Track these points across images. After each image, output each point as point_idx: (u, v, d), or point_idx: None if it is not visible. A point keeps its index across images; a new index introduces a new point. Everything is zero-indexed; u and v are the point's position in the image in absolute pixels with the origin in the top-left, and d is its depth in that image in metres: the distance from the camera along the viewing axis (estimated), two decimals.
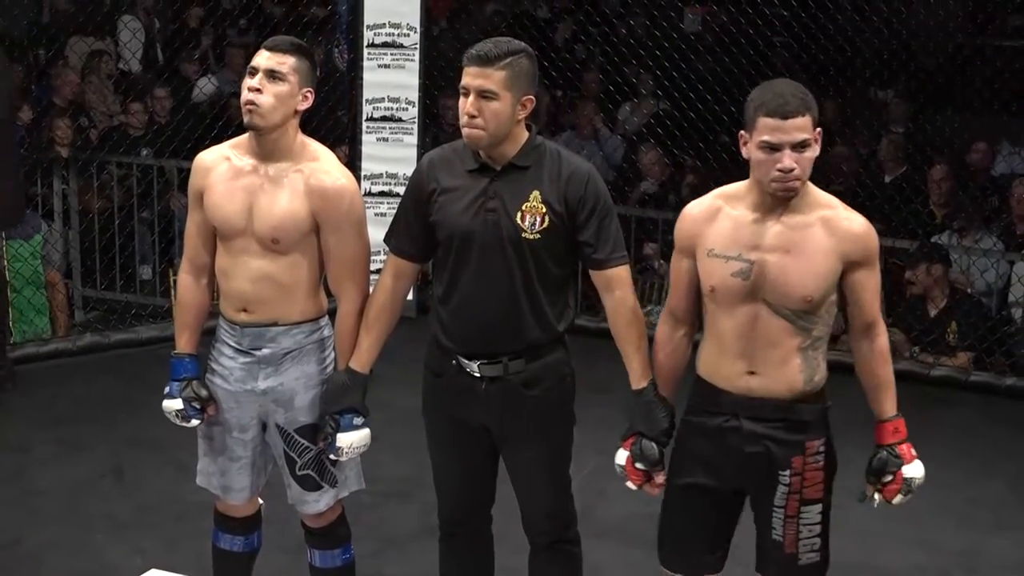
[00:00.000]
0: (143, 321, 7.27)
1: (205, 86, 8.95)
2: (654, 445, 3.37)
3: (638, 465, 3.38)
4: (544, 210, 3.38)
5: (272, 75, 3.48)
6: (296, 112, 3.53)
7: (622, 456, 3.41)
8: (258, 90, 3.47)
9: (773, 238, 3.18)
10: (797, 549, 3.30)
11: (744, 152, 3.20)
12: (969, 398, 6.62)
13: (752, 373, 3.23)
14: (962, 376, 6.76)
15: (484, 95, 3.33)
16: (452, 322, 3.47)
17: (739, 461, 3.27)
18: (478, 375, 3.46)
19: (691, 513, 3.37)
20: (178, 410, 3.67)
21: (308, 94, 3.54)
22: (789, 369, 3.22)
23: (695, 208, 3.32)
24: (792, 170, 3.10)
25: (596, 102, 8.87)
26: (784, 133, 3.09)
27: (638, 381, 3.42)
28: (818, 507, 3.30)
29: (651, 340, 3.44)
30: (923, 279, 6.88)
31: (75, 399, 6.22)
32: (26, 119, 8.08)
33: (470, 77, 3.34)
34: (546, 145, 3.47)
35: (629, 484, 3.41)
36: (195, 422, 3.68)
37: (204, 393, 3.65)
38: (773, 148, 3.11)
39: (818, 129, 3.15)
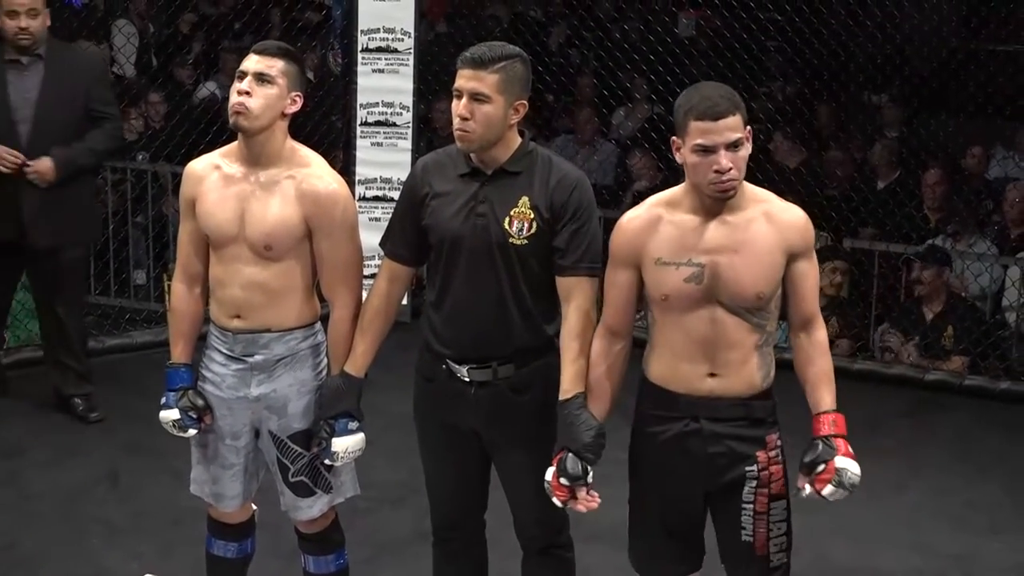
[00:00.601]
0: (137, 326, 7.25)
1: (200, 91, 8.96)
2: (578, 461, 3.28)
3: (562, 481, 3.30)
4: (532, 216, 3.38)
5: (261, 78, 3.48)
6: (284, 116, 3.53)
7: (549, 472, 3.33)
8: (247, 93, 3.47)
9: (720, 239, 3.19)
10: (768, 550, 3.29)
11: (678, 158, 3.21)
12: (964, 402, 6.62)
13: (713, 375, 3.23)
14: (957, 380, 6.76)
15: (477, 98, 3.32)
16: (442, 326, 3.47)
17: (702, 463, 3.26)
18: (467, 380, 3.46)
19: (658, 525, 3.36)
20: (175, 420, 3.66)
21: (297, 98, 3.54)
22: (748, 368, 3.23)
23: (633, 220, 3.29)
24: (729, 169, 3.12)
25: (591, 107, 8.87)
26: (716, 134, 3.11)
27: (564, 393, 3.35)
28: (783, 503, 3.30)
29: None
30: (933, 282, 6.88)
31: (70, 404, 6.19)
32: None
33: (463, 79, 3.34)
34: (538, 151, 3.46)
35: (555, 501, 3.34)
36: (192, 432, 3.68)
37: (200, 403, 3.65)
38: (707, 150, 3.12)
39: (748, 128, 3.17)
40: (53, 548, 4.74)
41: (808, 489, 3.21)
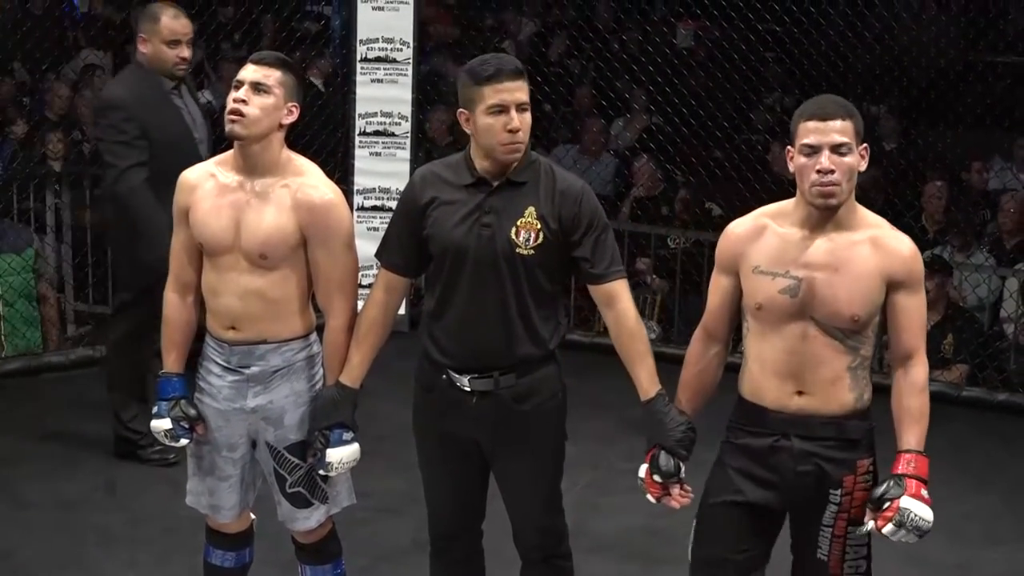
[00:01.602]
0: None
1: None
2: (671, 458, 3.30)
3: (655, 478, 3.32)
4: (539, 226, 3.37)
5: (257, 87, 3.48)
6: (281, 126, 3.53)
7: (642, 469, 3.35)
8: (243, 101, 3.47)
9: (821, 255, 3.15)
10: (842, 571, 3.25)
11: (791, 167, 3.19)
12: (962, 413, 6.62)
13: (801, 393, 3.19)
14: (955, 391, 6.76)
15: (523, 108, 3.32)
16: (443, 336, 3.47)
17: (788, 480, 3.22)
18: (468, 389, 3.45)
19: (728, 531, 3.29)
20: (167, 430, 3.66)
21: (293, 108, 3.54)
22: (838, 388, 3.18)
23: (738, 227, 3.28)
24: (831, 171, 3.08)
25: (594, 117, 8.87)
26: (822, 134, 3.10)
27: (645, 393, 3.37)
28: (865, 528, 3.24)
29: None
30: (936, 291, 6.88)
31: (67, 413, 6.20)
32: (19, 133, 8.09)
33: (508, 92, 3.29)
34: (541, 161, 3.47)
35: (648, 497, 3.35)
36: (184, 441, 3.67)
37: (192, 412, 3.64)
38: (812, 150, 3.10)
39: (864, 145, 3.15)
40: (50, 557, 4.73)
41: (870, 525, 3.17)
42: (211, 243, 3.56)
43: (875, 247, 3.16)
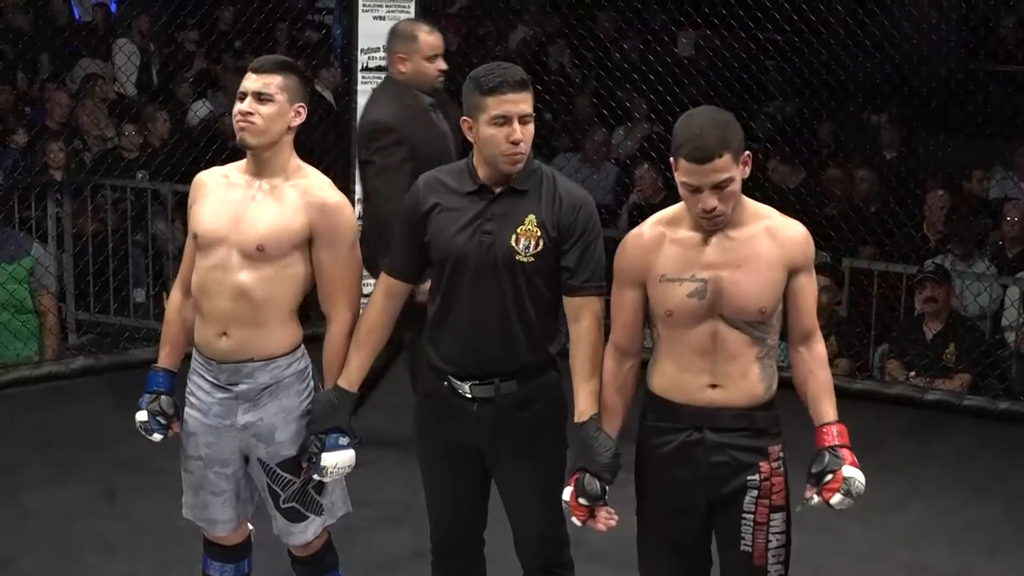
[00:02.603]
0: (136, 344, 7.24)
1: (200, 109, 8.97)
2: (596, 481, 3.31)
3: (581, 501, 3.32)
4: (539, 234, 3.38)
5: (260, 97, 3.49)
6: (290, 128, 3.54)
7: (567, 492, 3.36)
8: (249, 113, 3.48)
9: (722, 254, 3.23)
10: (766, 560, 3.29)
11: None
12: (963, 422, 6.61)
13: (714, 386, 3.25)
14: (956, 400, 6.76)
15: (526, 119, 3.34)
16: (445, 343, 3.47)
17: (705, 473, 3.27)
18: (470, 396, 3.45)
19: (666, 538, 3.36)
20: (142, 422, 3.67)
21: (300, 109, 3.55)
22: (749, 380, 3.25)
23: (637, 239, 3.33)
24: (714, 208, 3.16)
25: (594, 126, 8.88)
26: (701, 176, 3.14)
27: (580, 415, 3.38)
28: (782, 515, 3.30)
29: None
30: (942, 300, 6.88)
31: (68, 422, 6.20)
32: (20, 142, 8.10)
33: (511, 103, 3.31)
34: (543, 169, 3.48)
35: (574, 520, 3.36)
36: (157, 436, 3.69)
37: (171, 410, 3.65)
38: (694, 190, 3.16)
39: (746, 153, 3.19)
40: (50, 566, 4.73)
41: (816, 499, 3.22)
42: (206, 234, 3.55)
43: (771, 238, 3.24)
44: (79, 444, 5.88)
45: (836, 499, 3.19)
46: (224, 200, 3.56)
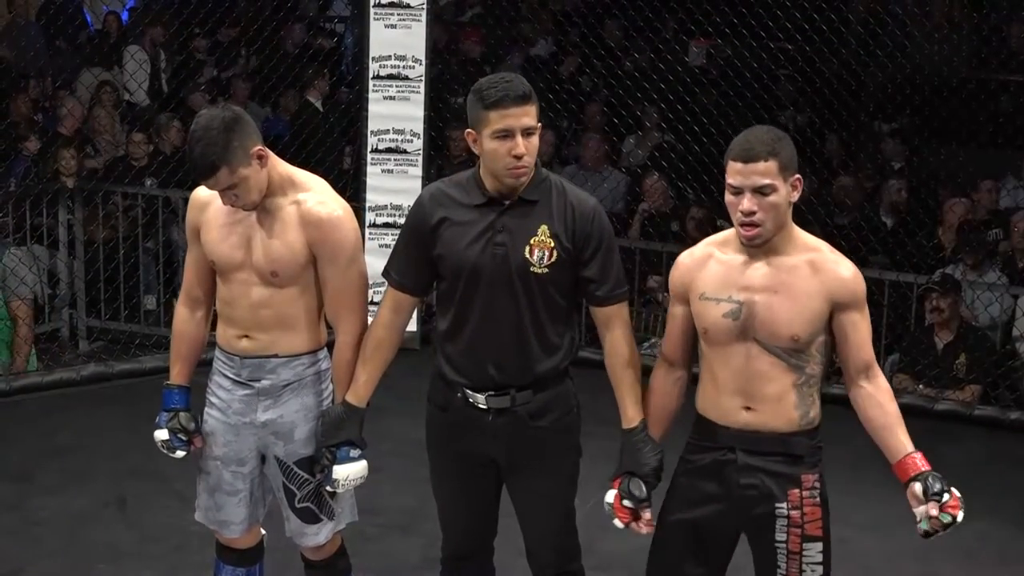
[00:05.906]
0: (147, 351, 7.26)
1: None
2: (642, 483, 3.36)
3: (625, 503, 3.36)
4: (552, 244, 3.38)
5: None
6: (260, 159, 3.45)
7: (611, 495, 3.40)
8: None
9: (761, 279, 3.24)
10: None
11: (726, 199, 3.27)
12: (974, 432, 6.59)
13: (748, 409, 3.26)
14: (967, 411, 6.74)
15: (529, 132, 3.33)
16: (458, 355, 3.46)
17: (734, 494, 3.27)
18: (485, 407, 3.44)
19: (682, 548, 3.36)
20: (164, 441, 3.69)
21: (261, 153, 3.46)
22: (784, 405, 3.25)
23: (687, 257, 3.39)
24: (752, 213, 3.16)
25: (600, 134, 8.87)
26: (743, 177, 3.16)
27: (629, 421, 3.43)
28: (819, 545, 3.28)
29: (648, 371, 3.45)
30: (950, 310, 6.87)
31: (78, 429, 6.20)
32: (32, 149, 8.12)
33: (514, 118, 3.30)
34: (551, 178, 3.47)
35: (616, 522, 3.40)
36: (180, 453, 3.70)
37: (191, 426, 3.66)
38: (736, 191, 3.18)
39: (797, 176, 3.20)
40: (60, 573, 4.73)
41: (948, 518, 3.36)
42: (223, 263, 3.57)
43: (814, 270, 3.24)
44: (89, 451, 5.89)
45: (961, 516, 3.31)
46: (232, 225, 3.54)
